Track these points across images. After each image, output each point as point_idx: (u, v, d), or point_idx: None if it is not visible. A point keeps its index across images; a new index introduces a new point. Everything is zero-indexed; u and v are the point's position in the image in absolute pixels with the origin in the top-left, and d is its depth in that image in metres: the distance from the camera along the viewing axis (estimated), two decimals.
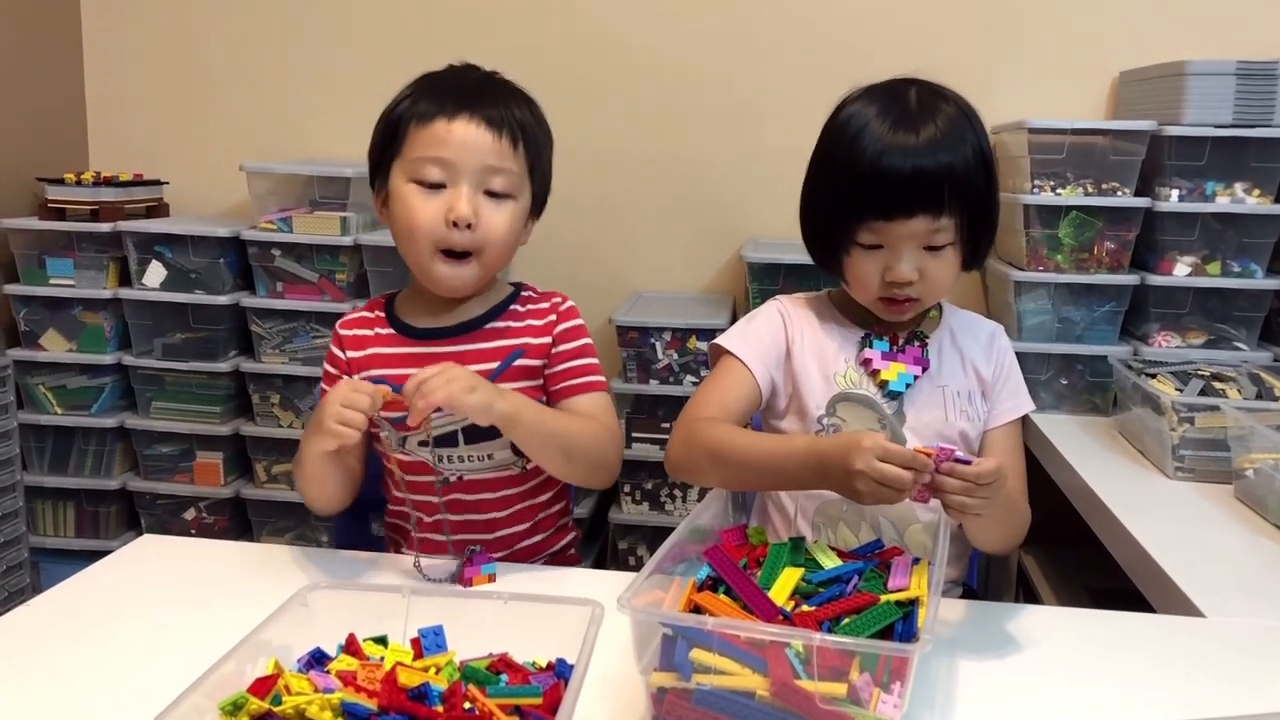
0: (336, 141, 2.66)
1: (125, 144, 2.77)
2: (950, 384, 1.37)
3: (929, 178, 1.21)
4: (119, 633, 1.12)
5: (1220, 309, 2.14)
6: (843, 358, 1.37)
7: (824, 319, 1.40)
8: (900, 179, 1.21)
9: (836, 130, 1.28)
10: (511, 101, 1.37)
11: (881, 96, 1.28)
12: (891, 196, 1.23)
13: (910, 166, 1.21)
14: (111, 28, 2.73)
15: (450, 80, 1.38)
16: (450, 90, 1.35)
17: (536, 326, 1.42)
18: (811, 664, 0.85)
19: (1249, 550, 1.45)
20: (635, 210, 2.62)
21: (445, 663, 0.92)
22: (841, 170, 1.26)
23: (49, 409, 2.49)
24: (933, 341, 1.38)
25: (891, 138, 1.22)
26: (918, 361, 1.35)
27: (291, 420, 2.45)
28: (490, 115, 1.33)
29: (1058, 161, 2.15)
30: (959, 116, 1.26)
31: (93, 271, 2.45)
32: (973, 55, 2.45)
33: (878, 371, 1.34)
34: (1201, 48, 2.32)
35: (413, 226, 1.33)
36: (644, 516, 2.37)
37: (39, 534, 2.56)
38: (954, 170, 1.22)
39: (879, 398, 1.34)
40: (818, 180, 1.32)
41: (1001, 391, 1.40)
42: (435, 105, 1.33)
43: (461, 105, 1.32)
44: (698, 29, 2.54)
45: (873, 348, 1.36)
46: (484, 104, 1.33)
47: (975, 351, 1.40)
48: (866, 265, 1.28)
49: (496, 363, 1.37)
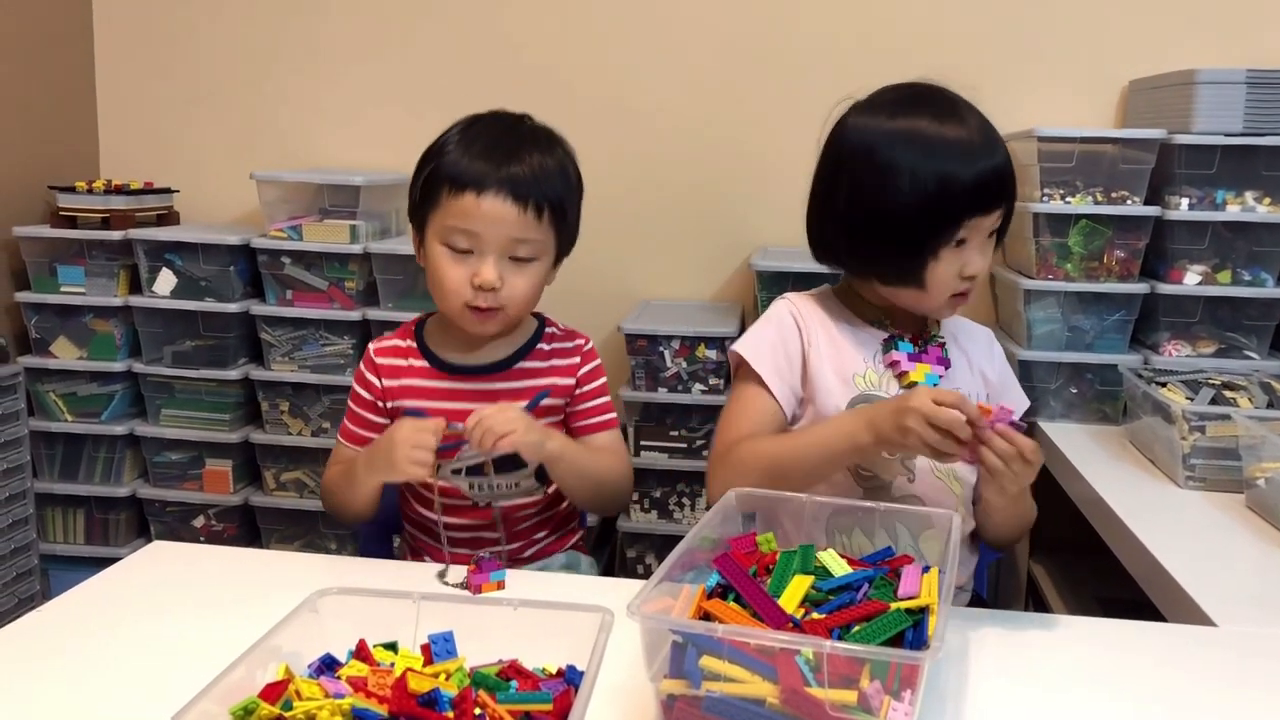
0: (346, 150, 2.66)
1: (136, 152, 2.78)
2: (962, 386, 1.39)
3: (1009, 168, 1.31)
4: (129, 638, 1.12)
5: (1231, 318, 2.14)
6: (861, 358, 1.38)
7: (837, 319, 1.41)
8: (998, 177, 1.29)
9: (901, 151, 1.28)
10: (543, 161, 1.42)
11: (916, 101, 1.32)
12: (991, 194, 1.29)
13: (1001, 163, 1.29)
14: (123, 38, 2.75)
15: (485, 139, 1.42)
16: (483, 155, 1.40)
17: (561, 367, 1.53)
18: (822, 671, 0.85)
19: (1261, 559, 1.45)
20: (645, 219, 2.62)
21: (455, 669, 0.92)
22: (939, 187, 1.27)
23: (59, 416, 2.50)
24: (945, 340, 1.41)
25: (972, 142, 1.28)
26: (940, 361, 1.38)
27: (300, 428, 2.46)
28: (519, 188, 1.38)
29: (1067, 170, 2.14)
30: (975, 106, 1.34)
31: (103, 279, 2.46)
32: (982, 64, 2.45)
33: (905, 373, 1.36)
34: (1211, 56, 2.32)
35: (442, 286, 1.43)
36: (652, 525, 2.37)
37: (49, 541, 2.56)
38: (1009, 156, 1.32)
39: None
40: (895, 206, 1.29)
41: (1005, 395, 1.43)
42: (468, 175, 1.38)
43: (491, 178, 1.38)
44: (708, 42, 2.55)
45: (899, 349, 1.37)
46: (514, 173, 1.39)
47: (978, 354, 1.45)
48: (952, 265, 1.30)
49: (525, 401, 1.46)
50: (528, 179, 1.39)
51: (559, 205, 1.43)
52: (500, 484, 1.40)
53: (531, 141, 1.44)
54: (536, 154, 1.42)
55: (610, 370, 1.59)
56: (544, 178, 1.41)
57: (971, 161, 1.27)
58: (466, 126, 1.45)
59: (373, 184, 2.38)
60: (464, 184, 1.38)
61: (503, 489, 1.40)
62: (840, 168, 1.34)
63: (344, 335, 2.41)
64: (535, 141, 1.44)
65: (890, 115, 1.31)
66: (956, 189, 1.27)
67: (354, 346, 2.41)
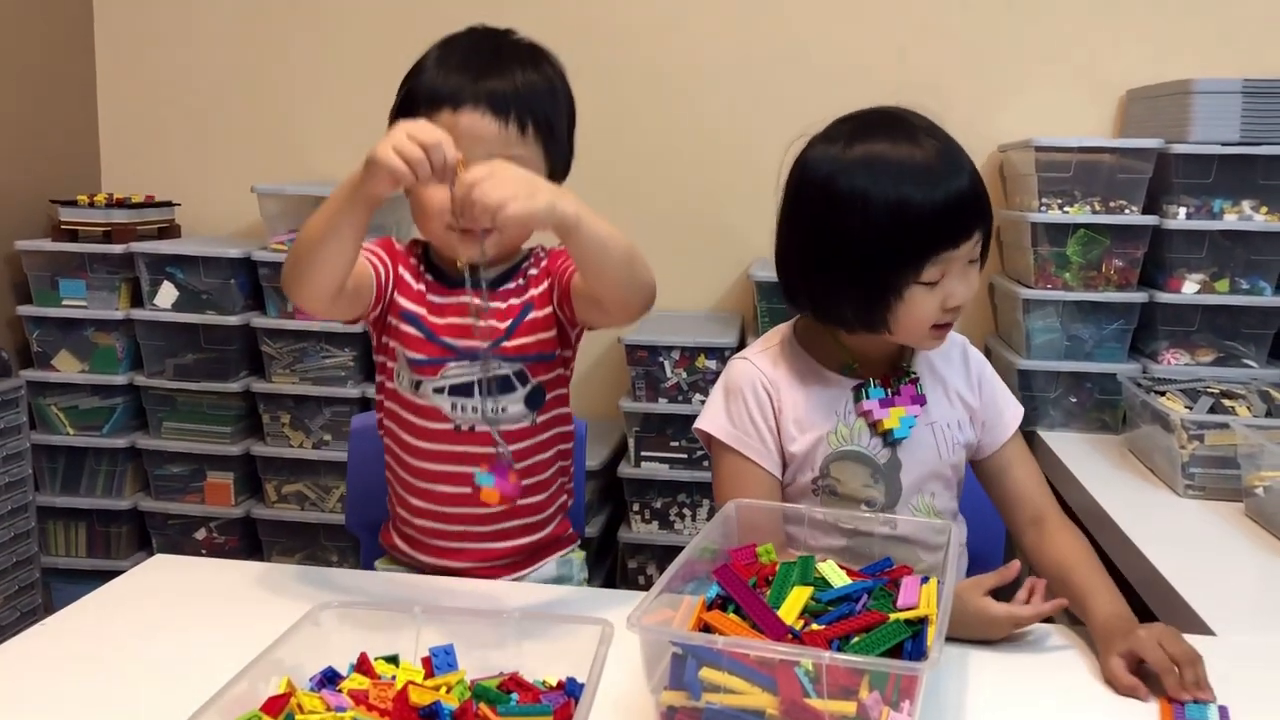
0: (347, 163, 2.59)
1: (137, 166, 2.79)
2: (939, 419, 1.34)
3: (975, 192, 1.21)
4: (132, 652, 1.13)
5: (1229, 326, 2.14)
6: (834, 412, 1.32)
7: (803, 375, 1.33)
8: (962, 202, 1.19)
9: (857, 179, 1.20)
10: (524, 73, 1.33)
11: (871, 131, 1.22)
12: (958, 223, 1.19)
13: (966, 186, 1.19)
14: (124, 52, 2.76)
15: (463, 52, 1.34)
16: (460, 68, 1.31)
17: (536, 277, 1.42)
18: (821, 682, 0.85)
19: (1259, 568, 1.45)
20: (644, 230, 2.58)
21: (456, 681, 0.92)
22: (896, 215, 1.18)
23: (61, 430, 2.50)
24: (918, 374, 1.35)
25: (931, 166, 1.19)
26: (915, 400, 1.32)
27: (302, 440, 2.46)
28: (497, 101, 1.29)
29: (1065, 180, 2.15)
30: (940, 127, 1.24)
31: (105, 292, 2.46)
32: (980, 74, 2.46)
33: (879, 421, 1.30)
34: (1208, 66, 2.33)
35: (423, 210, 1.33)
36: (653, 535, 2.37)
37: (51, 554, 2.57)
38: (978, 178, 1.22)
39: (874, 448, 1.31)
40: (850, 248, 1.21)
41: (992, 409, 1.37)
42: (443, 90, 1.30)
43: (468, 91, 1.29)
44: (706, 55, 2.56)
45: (869, 398, 1.31)
46: (492, 86, 1.30)
47: (954, 377, 1.37)
48: (928, 301, 1.22)
49: (512, 318, 1.38)
50: (509, 93, 1.30)
51: (545, 121, 1.33)
52: (487, 406, 1.33)
53: (514, 55, 1.35)
54: (519, 68, 1.34)
55: (611, 380, 1.57)
56: (527, 92, 1.32)
57: (951, 187, 1.18)
58: (445, 43, 1.37)
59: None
60: (439, 100, 1.29)
61: (489, 413, 1.33)
62: (798, 203, 1.28)
63: (345, 347, 2.41)
64: (518, 56, 1.36)
65: (847, 143, 1.22)
66: (913, 218, 1.18)
67: (355, 359, 2.42)
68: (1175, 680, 1.04)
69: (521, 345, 1.39)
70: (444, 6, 2.62)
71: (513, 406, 1.40)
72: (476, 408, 1.36)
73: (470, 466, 1.26)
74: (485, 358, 1.34)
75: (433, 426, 1.40)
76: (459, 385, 1.36)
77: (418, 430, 1.40)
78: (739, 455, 1.32)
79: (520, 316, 1.40)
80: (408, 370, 1.39)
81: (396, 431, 1.44)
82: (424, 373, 1.36)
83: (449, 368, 1.36)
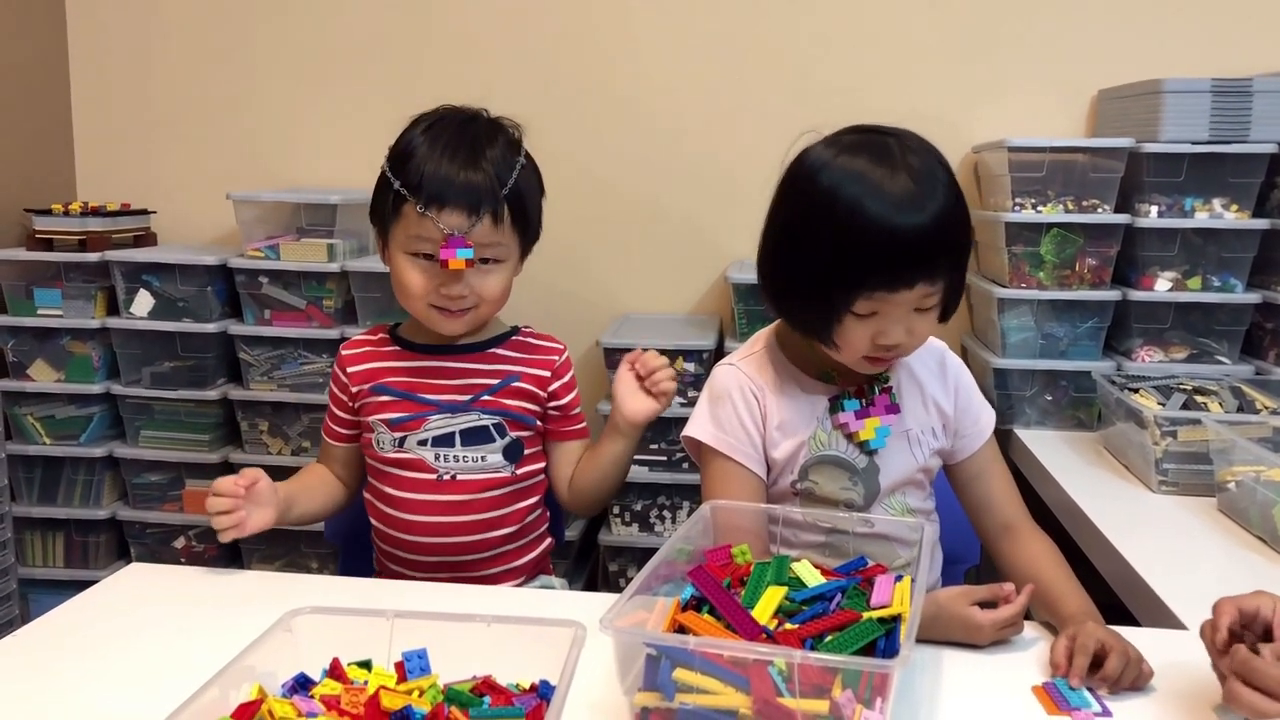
0: (323, 169, 2.67)
1: (113, 174, 2.78)
2: (913, 426, 1.36)
3: (932, 249, 1.17)
4: (105, 661, 1.12)
5: (1202, 323, 2.16)
6: (813, 418, 1.33)
7: (784, 381, 1.35)
8: (909, 255, 1.16)
9: (823, 195, 1.18)
10: (499, 164, 1.42)
11: (864, 156, 1.19)
12: (898, 271, 1.17)
13: (917, 242, 1.16)
14: (98, 60, 2.75)
15: (442, 146, 1.42)
16: (442, 167, 1.40)
17: (537, 360, 1.55)
18: (794, 681, 0.86)
19: (1231, 562, 1.46)
20: (623, 234, 2.63)
21: (429, 685, 0.92)
22: (840, 243, 1.17)
23: (37, 439, 2.49)
24: (894, 384, 1.35)
25: (895, 212, 1.15)
26: (889, 410, 1.33)
27: (280, 447, 2.45)
28: (473, 197, 1.40)
29: (1038, 179, 2.17)
30: (945, 176, 1.20)
31: (80, 301, 2.45)
32: (953, 75, 2.47)
33: (855, 433, 1.32)
34: (1177, 66, 2.35)
35: (407, 290, 1.46)
36: (633, 538, 2.37)
37: (28, 565, 2.55)
38: (951, 241, 1.20)
39: (852, 453, 1.33)
40: (803, 249, 1.22)
41: (967, 417, 1.39)
42: (428, 190, 1.40)
43: (450, 192, 1.39)
44: (681, 61, 2.56)
45: (845, 410, 1.32)
46: (473, 182, 1.40)
47: (932, 383, 1.38)
48: (859, 332, 1.22)
49: (496, 380, 1.50)
50: (487, 188, 1.40)
51: (520, 207, 1.44)
52: (466, 456, 1.42)
53: (488, 142, 1.45)
54: (492, 156, 1.43)
55: (590, 384, 1.61)
56: (502, 176, 1.42)
57: (901, 239, 1.15)
58: (424, 131, 1.46)
59: (349, 202, 2.39)
60: (425, 201, 1.40)
61: (468, 462, 1.42)
62: (782, 195, 1.27)
63: (323, 354, 2.41)
64: (492, 142, 1.45)
65: (841, 149, 1.21)
66: (862, 263, 1.17)
67: (333, 365, 2.40)
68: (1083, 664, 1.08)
69: (503, 403, 1.50)
70: (416, 18, 2.63)
71: (491, 456, 1.48)
72: (459, 456, 1.45)
73: (454, 516, 1.46)
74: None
75: (416, 477, 1.48)
76: (441, 436, 1.45)
77: (400, 481, 1.49)
78: (727, 459, 1.34)
79: (505, 381, 1.51)
80: (388, 432, 1.48)
81: (378, 486, 1.52)
82: (407, 428, 1.46)
83: (430, 421, 1.46)
